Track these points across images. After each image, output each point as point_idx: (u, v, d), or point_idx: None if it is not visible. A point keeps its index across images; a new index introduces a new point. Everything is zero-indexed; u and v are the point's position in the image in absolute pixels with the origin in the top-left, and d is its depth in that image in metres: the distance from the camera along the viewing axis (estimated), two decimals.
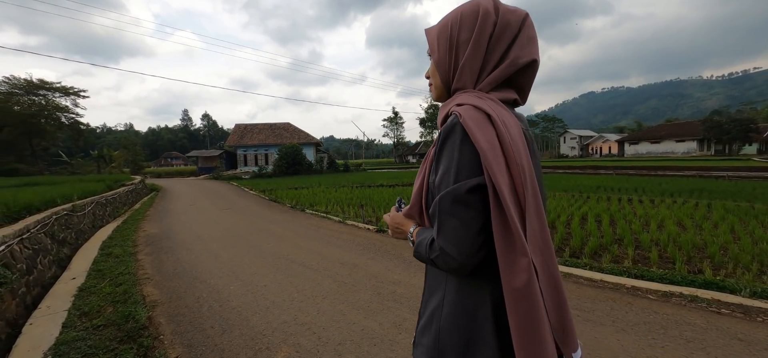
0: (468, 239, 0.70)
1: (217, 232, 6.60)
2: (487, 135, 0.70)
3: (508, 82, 0.81)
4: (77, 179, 14.52)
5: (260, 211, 9.40)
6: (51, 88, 39.43)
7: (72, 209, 6.97)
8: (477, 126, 0.70)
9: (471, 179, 0.70)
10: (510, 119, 0.74)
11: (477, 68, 0.80)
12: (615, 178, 17.74)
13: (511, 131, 0.72)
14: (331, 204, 10.69)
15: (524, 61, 0.78)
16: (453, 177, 0.71)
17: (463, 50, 0.80)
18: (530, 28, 0.81)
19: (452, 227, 0.71)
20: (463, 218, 0.70)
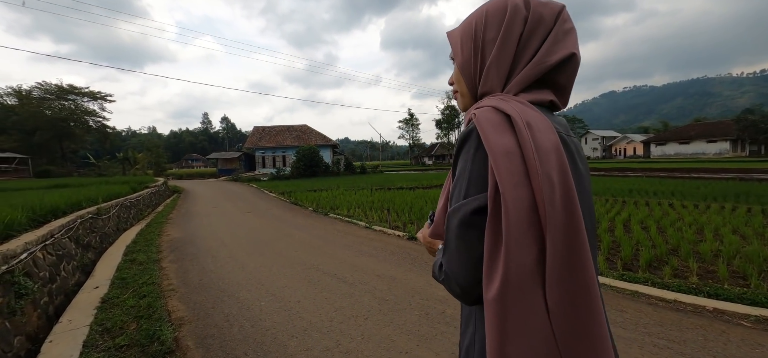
0: (471, 263, 0.62)
1: (241, 237, 6.36)
2: (504, 140, 0.60)
3: (543, 83, 0.71)
4: (103, 180, 14.76)
5: (283, 214, 9.16)
6: (80, 93, 41.01)
7: (97, 212, 6.88)
8: (493, 129, 0.61)
9: (480, 194, 0.61)
10: (541, 123, 0.62)
11: (505, 70, 0.70)
12: (646, 181, 16.83)
13: (538, 137, 0.60)
14: (353, 208, 10.39)
15: (559, 57, 0.68)
16: (464, 192, 0.63)
17: (489, 50, 0.71)
18: (566, 21, 0.71)
19: (456, 250, 0.64)
20: (468, 241, 0.62)
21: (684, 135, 57.66)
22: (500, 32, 0.69)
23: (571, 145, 0.70)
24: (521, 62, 0.70)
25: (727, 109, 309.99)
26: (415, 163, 77.45)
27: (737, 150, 51.06)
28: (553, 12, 0.70)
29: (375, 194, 14.33)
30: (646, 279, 3.87)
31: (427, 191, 15.40)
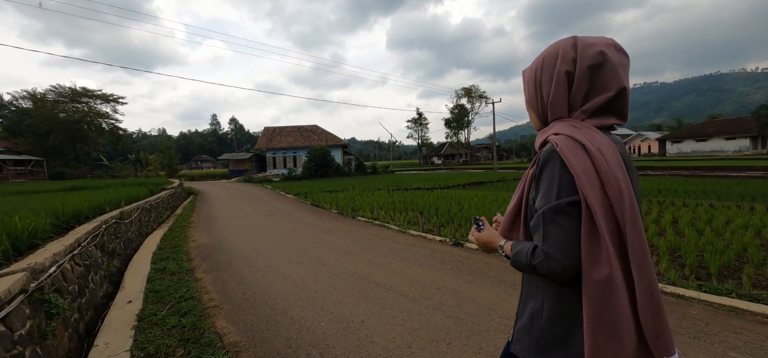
0: (571, 244, 0.80)
1: (272, 243, 5.96)
2: (582, 162, 0.80)
3: (607, 109, 0.89)
4: (119, 182, 14.58)
5: (307, 217, 8.77)
6: (93, 96, 41.31)
7: (120, 217, 6.56)
8: (572, 154, 0.81)
9: (570, 195, 0.81)
10: (606, 145, 0.82)
11: (565, 102, 0.90)
12: (671, 180, 16.18)
13: (607, 156, 0.81)
14: (375, 209, 9.99)
15: (611, 93, 0.87)
16: (555, 195, 0.82)
17: (546, 89, 0.92)
18: (616, 54, 0.87)
19: (556, 234, 0.81)
20: (565, 227, 0.81)
21: (701, 132, 56.11)
22: (553, 74, 0.90)
23: (625, 157, 0.89)
24: (579, 94, 0.89)
25: (741, 106, 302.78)
26: (424, 163, 76.76)
27: (758, 147, 49.49)
28: (596, 50, 0.86)
29: (393, 195, 13.90)
30: (730, 291, 3.38)
31: (445, 191, 14.94)
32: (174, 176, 38.10)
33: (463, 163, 65.24)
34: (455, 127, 69.24)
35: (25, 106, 39.65)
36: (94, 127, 42.09)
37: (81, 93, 40.64)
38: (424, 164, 75.13)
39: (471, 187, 17.29)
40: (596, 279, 0.77)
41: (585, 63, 0.86)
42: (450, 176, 24.36)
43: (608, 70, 0.86)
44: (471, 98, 66.44)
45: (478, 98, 66.15)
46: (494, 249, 1.01)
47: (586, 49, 0.87)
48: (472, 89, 65.65)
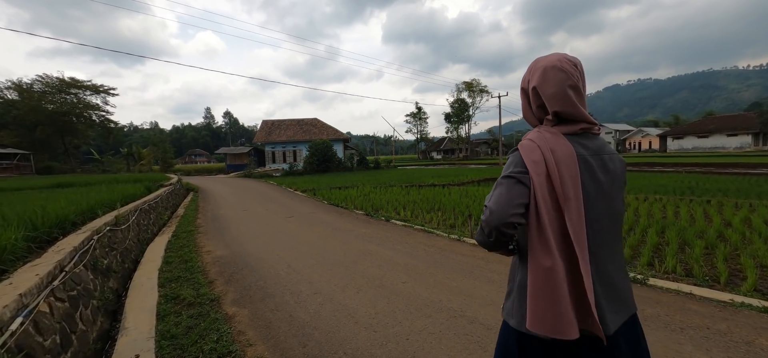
0: (506, 200, 1.00)
1: (308, 256, 4.82)
2: (533, 156, 1.01)
3: (566, 118, 1.07)
4: (111, 178, 13.28)
5: (332, 220, 7.63)
6: (82, 86, 39.38)
7: (115, 222, 5.37)
8: (528, 151, 1.04)
9: (518, 167, 1.03)
10: (560, 146, 1.02)
11: (529, 113, 1.15)
12: (684, 177, 15.55)
13: (556, 155, 1.01)
14: (400, 209, 8.99)
15: (550, 112, 1.08)
16: (508, 170, 1.04)
17: (522, 102, 1.19)
18: (557, 74, 1.05)
19: (498, 192, 1.02)
20: (508, 186, 1.02)
21: (703, 129, 55.87)
22: (527, 88, 1.14)
23: (593, 162, 1.05)
24: (536, 109, 1.12)
25: (733, 103, 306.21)
26: (422, 158, 75.66)
27: (759, 144, 49.38)
28: (538, 74, 1.09)
29: (410, 192, 12.90)
30: None
31: (463, 188, 13.97)
32: (169, 171, 36.55)
33: (464, 159, 64.30)
34: (455, 122, 68.21)
35: (11, 97, 37.66)
36: (83, 120, 40.21)
37: (69, 84, 38.70)
38: (423, 159, 74.11)
39: (485, 183, 16.36)
40: (541, 266, 0.98)
41: (532, 84, 1.10)
42: (458, 172, 23.27)
43: (547, 91, 1.06)
44: (472, 92, 65.43)
45: (479, 92, 65.15)
46: None
47: (532, 74, 1.10)
48: (473, 83, 64.59)
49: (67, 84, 38.55)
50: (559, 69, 1.04)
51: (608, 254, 1.04)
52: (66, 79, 38.52)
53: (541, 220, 0.97)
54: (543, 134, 1.04)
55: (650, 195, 9.94)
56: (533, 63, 1.11)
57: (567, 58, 1.07)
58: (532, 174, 0.99)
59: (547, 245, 0.96)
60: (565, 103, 1.04)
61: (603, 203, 1.04)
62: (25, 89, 37.14)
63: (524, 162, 1.01)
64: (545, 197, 0.98)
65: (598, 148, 1.07)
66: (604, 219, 1.04)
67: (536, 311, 0.97)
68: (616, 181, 1.08)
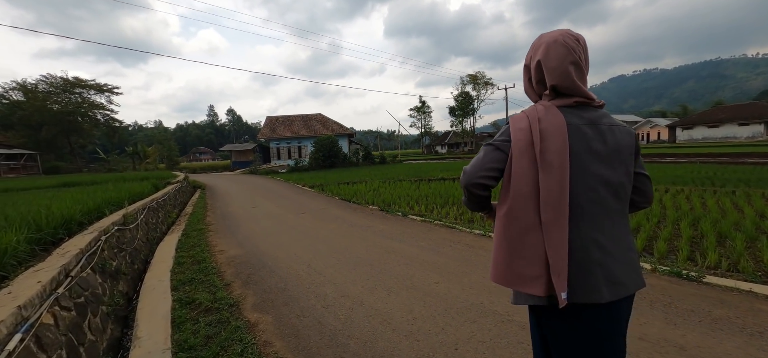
0: (480, 164, 1.11)
1: (328, 255, 4.53)
2: (520, 125, 1.07)
3: (562, 92, 1.10)
4: (118, 177, 13.10)
5: (346, 215, 7.34)
6: (86, 86, 39.32)
7: (124, 221, 5.12)
8: (516, 121, 1.10)
9: (501, 136, 1.11)
10: (551, 117, 1.05)
11: (530, 89, 1.19)
12: (699, 167, 15.06)
13: (543, 124, 1.04)
14: (413, 203, 8.70)
15: (547, 86, 1.12)
16: (493, 139, 1.12)
17: (523, 79, 1.24)
18: (560, 48, 1.07)
19: (475, 158, 1.13)
20: (485, 152, 1.11)
21: (713, 118, 54.84)
22: (524, 68, 1.22)
23: (589, 131, 1.06)
24: (536, 83, 1.16)
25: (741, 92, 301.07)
26: (427, 152, 75.08)
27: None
28: (540, 50, 1.12)
29: (421, 186, 12.61)
30: None
31: None
32: (175, 169, 36.48)
33: (469, 152, 63.78)
34: (460, 116, 67.56)
35: (16, 98, 37.69)
36: (88, 119, 40.20)
37: (73, 83, 38.67)
38: (428, 153, 73.63)
39: None
40: (499, 214, 1.09)
41: (535, 59, 1.12)
42: (465, 165, 22.84)
43: (544, 69, 1.09)
44: (476, 85, 64.69)
45: (484, 85, 64.38)
46: None
47: (535, 50, 1.13)
48: (478, 76, 63.82)
49: (72, 84, 38.50)
50: (562, 44, 1.07)
51: (602, 223, 1.04)
52: (70, 79, 38.47)
53: (511, 182, 1.05)
54: (535, 107, 1.10)
55: (670, 186, 9.58)
56: (537, 39, 1.14)
57: (570, 33, 1.09)
58: (513, 141, 1.06)
59: (506, 202, 1.06)
60: (564, 78, 1.06)
61: (598, 171, 1.04)
62: (30, 90, 37.14)
63: (510, 131, 1.08)
64: (522, 162, 1.03)
65: (595, 118, 1.08)
66: (600, 187, 1.04)
67: (494, 262, 1.10)
68: (619, 151, 1.07)
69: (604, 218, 1.04)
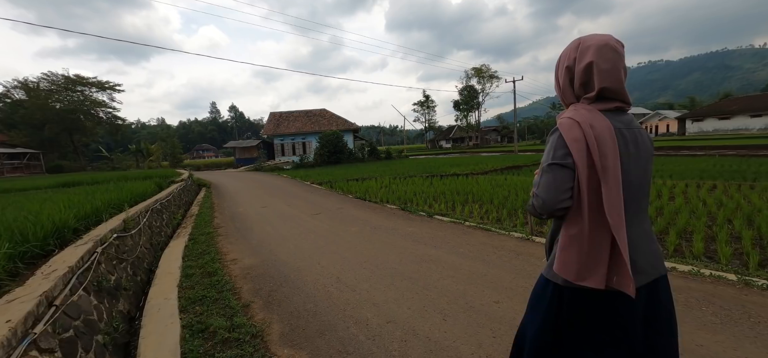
0: (551, 189, 1.11)
1: (356, 265, 3.95)
2: (573, 134, 1.08)
3: (604, 97, 1.13)
4: (120, 175, 12.60)
5: (365, 216, 6.76)
6: (87, 83, 38.87)
7: (124, 227, 4.57)
8: (567, 129, 1.10)
9: (559, 158, 1.10)
10: (599, 122, 1.08)
11: (570, 91, 1.18)
12: (721, 160, 14.43)
13: (596, 131, 1.06)
14: (431, 201, 8.19)
15: (593, 92, 1.13)
16: (551, 156, 1.12)
17: (560, 81, 1.22)
18: (608, 53, 1.10)
19: (546, 181, 1.12)
20: (554, 174, 1.11)
21: (724, 110, 53.81)
22: (563, 69, 1.19)
23: (627, 134, 1.12)
24: (578, 87, 1.16)
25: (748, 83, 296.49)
26: (431, 147, 74.30)
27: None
28: (587, 47, 1.13)
29: (434, 182, 12.08)
30: None
31: (489, 176, 13.09)
32: (179, 166, 36.03)
33: (474, 147, 62.96)
34: (465, 110, 66.66)
35: (18, 96, 37.31)
36: (90, 117, 39.79)
37: (75, 81, 38.22)
38: (432, 148, 72.91)
39: (510, 172, 15.40)
40: (570, 234, 1.11)
41: (581, 64, 1.13)
42: (474, 160, 22.18)
43: (596, 71, 1.10)
44: (481, 79, 63.73)
45: (489, 79, 63.41)
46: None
47: (583, 52, 1.13)
48: (483, 69, 62.82)
49: (73, 81, 38.06)
50: (613, 48, 1.11)
51: (637, 219, 1.15)
52: (71, 77, 38.02)
53: (580, 193, 1.09)
54: (580, 111, 1.12)
55: (699, 180, 8.97)
56: (579, 41, 1.15)
57: (615, 39, 1.14)
58: (573, 152, 1.07)
59: (580, 213, 1.09)
60: (616, 81, 1.10)
61: (636, 172, 1.13)
62: (32, 88, 36.74)
63: (565, 142, 1.09)
64: (585, 170, 1.06)
65: (629, 122, 1.16)
66: (636, 187, 1.13)
67: (563, 259, 1.14)
68: (646, 152, 1.17)
69: (637, 215, 1.15)
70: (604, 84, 1.08)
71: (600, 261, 1.08)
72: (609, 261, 1.08)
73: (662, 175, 10.21)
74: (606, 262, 1.08)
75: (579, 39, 1.15)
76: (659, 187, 8.02)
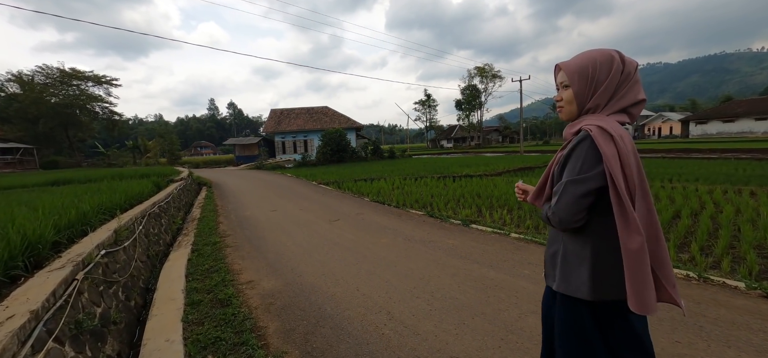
0: (572, 209, 1.12)
1: (407, 294, 3.14)
2: (610, 148, 1.06)
3: (624, 109, 1.17)
4: (115, 173, 11.77)
5: (392, 224, 5.97)
6: (83, 78, 37.82)
7: (115, 239, 3.78)
8: (604, 141, 1.07)
9: (589, 172, 1.10)
10: (626, 136, 1.09)
11: (606, 101, 1.18)
12: (740, 164, 13.75)
13: (627, 145, 1.08)
14: (453, 204, 7.55)
15: (639, 98, 1.17)
16: (578, 169, 1.11)
17: (600, 87, 1.17)
18: (638, 74, 1.19)
19: (565, 201, 1.13)
20: (573, 195, 1.11)
21: (728, 113, 53.61)
22: (608, 78, 1.16)
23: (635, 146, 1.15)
24: (615, 97, 1.17)
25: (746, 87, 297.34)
26: (432, 147, 73.52)
27: None
28: (633, 67, 1.18)
29: (448, 184, 11.40)
30: None
31: (504, 177, 12.38)
32: (177, 164, 35.11)
33: (476, 147, 62.26)
34: (467, 109, 65.90)
35: (13, 90, 36.22)
36: (86, 112, 38.74)
37: (71, 75, 37.17)
38: (433, 147, 72.22)
39: (525, 173, 14.68)
40: (632, 248, 1.05)
41: (629, 75, 1.17)
42: (481, 161, 21.37)
43: (636, 82, 1.18)
44: (484, 78, 63.02)
45: (492, 78, 62.71)
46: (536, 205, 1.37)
47: (629, 65, 1.17)
48: (486, 69, 62.11)
49: (69, 75, 37.01)
50: (636, 69, 1.20)
51: None
52: (67, 71, 36.97)
53: (623, 206, 1.05)
54: (610, 122, 1.13)
55: (726, 186, 8.27)
56: (616, 52, 1.18)
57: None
58: (609, 167, 1.06)
59: (633, 226, 1.05)
60: (643, 103, 1.19)
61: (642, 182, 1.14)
62: (27, 82, 35.67)
63: (599, 155, 1.08)
64: (621, 184, 1.05)
65: (630, 135, 1.16)
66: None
67: (638, 291, 1.06)
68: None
69: None
70: (637, 97, 1.16)
71: (652, 282, 1.08)
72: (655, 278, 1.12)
73: (687, 179, 9.55)
74: (651, 277, 1.09)
75: (617, 51, 1.18)
76: (695, 192, 7.34)
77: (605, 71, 1.15)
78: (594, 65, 1.16)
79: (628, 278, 1.05)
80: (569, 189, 1.10)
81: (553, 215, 1.16)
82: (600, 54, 1.17)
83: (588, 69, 1.17)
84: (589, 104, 1.18)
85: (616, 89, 1.15)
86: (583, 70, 1.17)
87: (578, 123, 1.17)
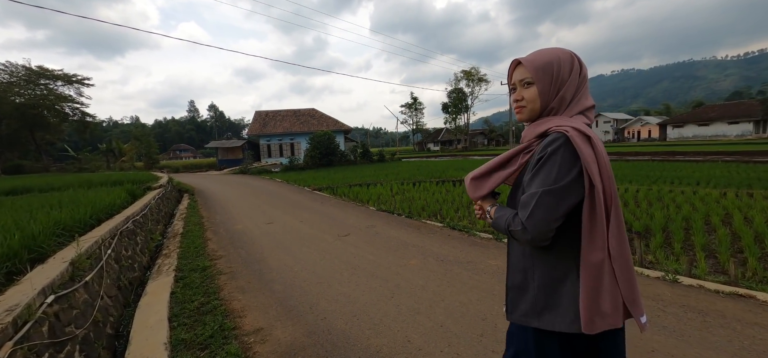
0: (545, 221, 0.96)
1: (478, 344, 2.38)
2: (589, 151, 0.95)
3: (582, 112, 1.09)
4: (84, 179, 10.47)
5: (414, 240, 5.16)
6: (52, 76, 35.32)
7: (72, 274, 2.83)
8: (583, 144, 0.95)
9: (565, 179, 0.95)
10: (597, 137, 0.99)
11: (568, 100, 1.08)
12: (733, 166, 13.80)
13: (601, 148, 0.98)
14: (463, 212, 6.96)
15: (591, 103, 1.11)
16: (553, 178, 0.96)
17: (563, 86, 1.07)
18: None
19: (547, 206, 0.96)
20: (549, 206, 0.95)
21: (703, 117, 56.22)
22: (570, 75, 1.08)
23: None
24: (575, 98, 1.08)
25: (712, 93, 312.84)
26: (419, 150, 73.31)
27: (760, 131, 49.91)
28: (585, 71, 1.11)
29: (449, 189, 10.86)
30: None
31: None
32: (154, 168, 33.16)
33: (463, 150, 62.37)
34: (453, 112, 66.01)
35: None
36: (55, 113, 36.17)
37: (38, 73, 34.65)
38: (420, 150, 72.03)
39: None
40: (593, 262, 0.96)
41: (585, 78, 1.11)
42: (471, 163, 20.91)
43: (587, 88, 1.12)
44: (471, 81, 63.33)
45: (478, 81, 63.10)
46: (483, 209, 1.20)
47: (584, 67, 1.11)
48: (472, 72, 62.45)
49: (36, 73, 34.45)
50: (587, 72, 1.13)
51: None
52: (34, 69, 34.41)
53: (595, 216, 0.96)
54: (579, 123, 1.02)
55: (725, 189, 8.06)
56: (573, 53, 1.11)
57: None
58: (589, 171, 0.95)
59: (599, 239, 0.97)
60: (591, 103, 1.13)
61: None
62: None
63: (576, 159, 0.97)
64: (600, 190, 0.96)
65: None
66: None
67: (592, 307, 0.97)
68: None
69: None
70: (589, 102, 1.10)
71: (617, 295, 1.00)
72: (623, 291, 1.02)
73: (689, 182, 9.24)
74: (620, 295, 1.01)
75: (572, 52, 1.11)
76: (700, 196, 6.98)
77: (567, 70, 1.08)
78: (558, 62, 1.08)
79: (588, 292, 0.97)
80: (544, 200, 0.96)
81: (521, 229, 1.01)
82: (561, 51, 1.10)
83: (553, 66, 1.08)
84: (553, 103, 1.09)
85: (576, 90, 1.08)
86: (547, 67, 1.08)
87: (542, 123, 1.08)
